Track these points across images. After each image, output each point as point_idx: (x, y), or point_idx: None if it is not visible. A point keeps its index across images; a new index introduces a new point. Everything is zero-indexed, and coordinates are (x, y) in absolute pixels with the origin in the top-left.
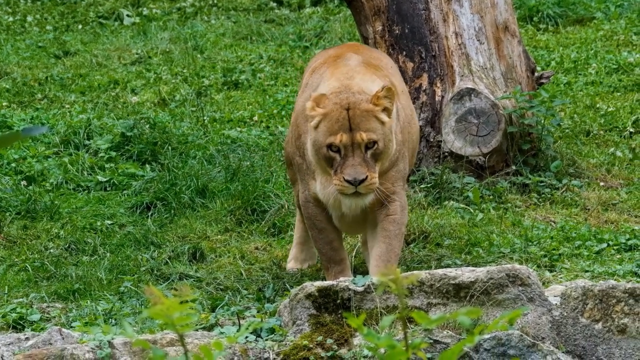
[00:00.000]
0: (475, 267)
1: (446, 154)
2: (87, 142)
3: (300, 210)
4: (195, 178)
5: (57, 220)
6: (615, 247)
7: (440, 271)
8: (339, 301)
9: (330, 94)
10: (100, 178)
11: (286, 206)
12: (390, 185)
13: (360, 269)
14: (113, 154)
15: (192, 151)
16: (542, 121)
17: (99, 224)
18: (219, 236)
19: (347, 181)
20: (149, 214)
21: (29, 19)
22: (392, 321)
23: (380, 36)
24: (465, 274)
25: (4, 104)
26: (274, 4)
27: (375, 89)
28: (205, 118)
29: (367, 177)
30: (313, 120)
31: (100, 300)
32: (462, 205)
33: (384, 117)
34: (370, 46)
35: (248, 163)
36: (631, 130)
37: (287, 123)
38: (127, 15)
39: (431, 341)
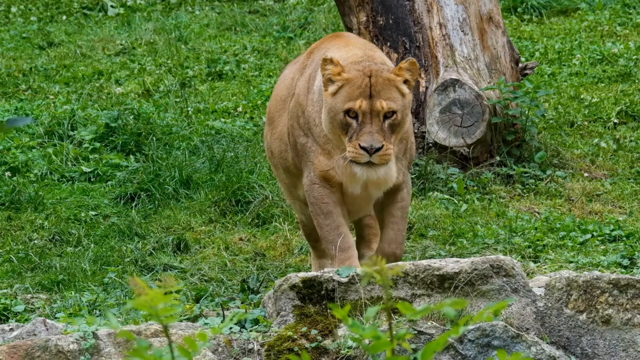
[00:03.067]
0: (460, 258)
1: (430, 144)
2: (71, 132)
3: (311, 241)
4: (180, 169)
5: (42, 211)
6: (599, 238)
7: (424, 262)
8: (323, 292)
9: (351, 62)
10: (84, 169)
11: (270, 197)
12: (402, 176)
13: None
14: (97, 144)
15: (176, 142)
16: (526, 112)
17: (83, 214)
18: (203, 227)
19: (363, 148)
20: (133, 204)
21: (13, 9)
22: (376, 312)
23: (365, 27)
24: (450, 265)
25: None
26: None
27: (391, 64)
28: (189, 109)
29: (382, 146)
30: (332, 86)
31: (84, 291)
32: (446, 196)
33: (404, 88)
34: None
35: (232, 154)
36: (615, 121)
37: None
38: (111, 6)
39: (415, 332)
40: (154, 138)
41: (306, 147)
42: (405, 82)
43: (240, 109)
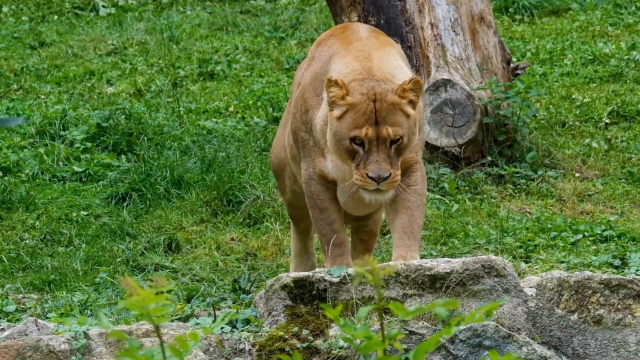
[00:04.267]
0: (451, 258)
1: None
2: (62, 132)
3: (293, 220)
4: (171, 169)
5: (33, 211)
6: (590, 238)
7: (415, 262)
8: (314, 292)
9: (353, 80)
10: (75, 169)
11: (261, 197)
12: (414, 154)
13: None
14: (89, 144)
15: (167, 142)
16: (518, 112)
17: (74, 214)
18: (195, 227)
19: (371, 178)
20: (125, 204)
21: (5, 9)
22: (368, 312)
23: None
24: (441, 265)
25: None
26: None
27: (394, 65)
28: (180, 109)
29: (390, 174)
30: (337, 110)
31: (75, 291)
32: (437, 196)
33: (409, 110)
34: None
35: (223, 154)
36: (607, 121)
37: (262, 114)
38: (103, 6)
39: (407, 332)
40: (146, 138)
41: (308, 143)
42: (410, 102)
43: (231, 109)
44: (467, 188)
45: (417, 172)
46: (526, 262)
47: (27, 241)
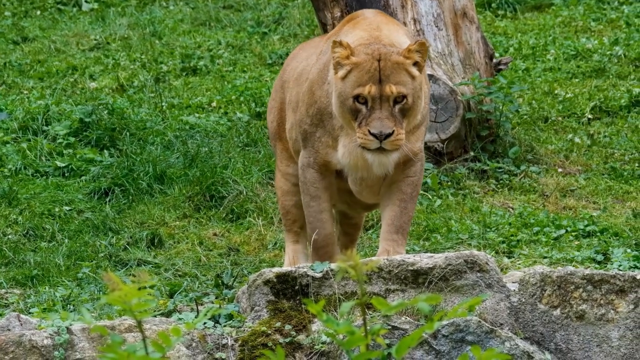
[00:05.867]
0: (434, 253)
1: None
2: (45, 127)
3: (287, 222)
4: (154, 164)
5: (16, 206)
6: (573, 234)
7: (398, 257)
8: (297, 287)
9: (359, 45)
10: (58, 164)
11: (244, 192)
12: (420, 143)
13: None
14: (71, 139)
15: (150, 137)
16: (501, 107)
17: (57, 209)
18: (177, 222)
19: (372, 134)
20: (107, 199)
21: None
22: (351, 307)
23: (339, 22)
24: (424, 260)
25: None
26: None
27: (403, 40)
28: (163, 104)
29: (393, 131)
30: (341, 70)
31: (58, 286)
32: (420, 192)
33: (414, 71)
34: (327, 33)
35: (206, 149)
36: (589, 116)
37: (245, 109)
38: (86, 1)
39: (390, 327)
40: (128, 133)
41: (313, 135)
42: (415, 64)
43: (214, 104)
44: (449, 183)
45: (417, 163)
46: (509, 257)
47: (9, 236)
